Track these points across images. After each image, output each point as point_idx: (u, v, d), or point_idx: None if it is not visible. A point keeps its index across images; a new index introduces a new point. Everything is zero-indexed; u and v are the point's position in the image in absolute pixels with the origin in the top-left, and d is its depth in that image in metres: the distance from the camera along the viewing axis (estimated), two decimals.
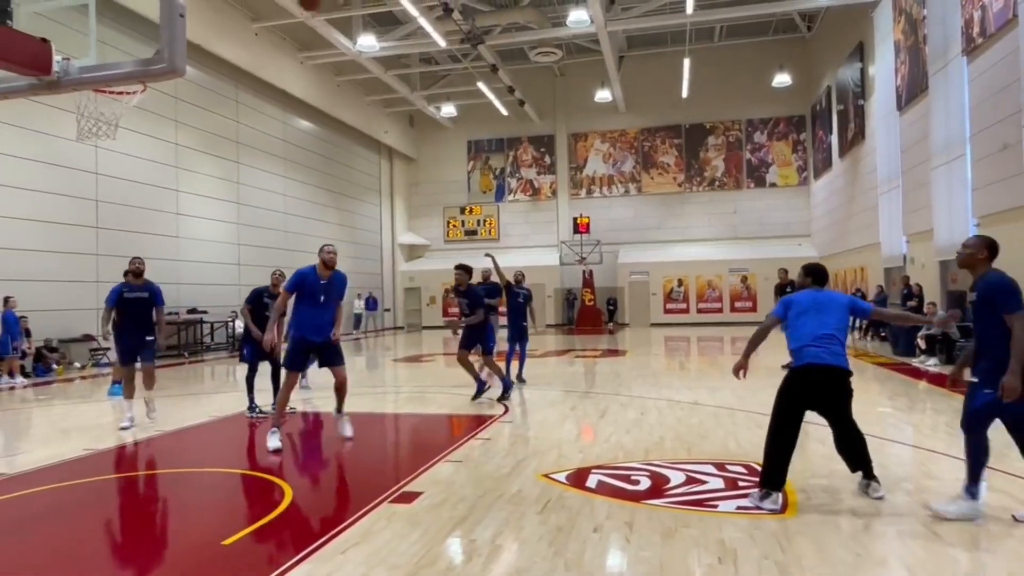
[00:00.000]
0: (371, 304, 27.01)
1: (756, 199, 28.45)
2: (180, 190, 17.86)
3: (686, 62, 24.12)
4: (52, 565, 3.64)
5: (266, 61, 20.02)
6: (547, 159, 30.57)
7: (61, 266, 14.37)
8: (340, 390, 6.48)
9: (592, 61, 26.51)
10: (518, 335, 9.99)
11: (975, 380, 3.97)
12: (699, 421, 7.10)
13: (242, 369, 8.54)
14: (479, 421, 7.35)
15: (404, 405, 9.16)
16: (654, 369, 12.57)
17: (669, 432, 6.57)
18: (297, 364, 6.47)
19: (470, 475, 5.15)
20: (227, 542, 3.84)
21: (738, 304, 27.13)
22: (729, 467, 5.19)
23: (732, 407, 7.91)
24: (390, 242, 30.63)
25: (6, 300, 12.15)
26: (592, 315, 27.47)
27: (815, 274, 4.79)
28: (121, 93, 5.07)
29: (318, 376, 12.55)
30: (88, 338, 14.87)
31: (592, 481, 4.90)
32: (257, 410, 8.04)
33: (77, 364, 14.35)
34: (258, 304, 8.18)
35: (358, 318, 26.09)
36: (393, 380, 12.19)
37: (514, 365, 10.06)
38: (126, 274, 7.99)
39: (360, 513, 4.24)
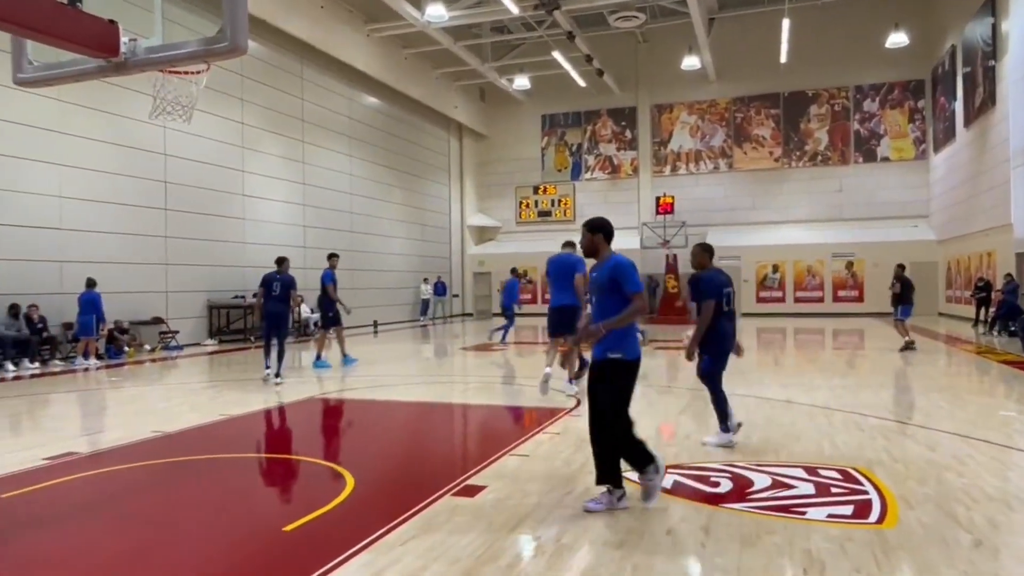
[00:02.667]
0: (439, 289, 27.51)
1: (865, 175, 27.16)
2: (246, 171, 18.65)
3: (785, 22, 23.19)
4: (120, 543, 3.94)
5: (332, 35, 20.57)
6: (628, 134, 30.15)
7: (131, 248, 15.31)
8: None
9: (679, 25, 25.86)
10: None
11: None
12: (791, 421, 6.93)
13: (309, 355, 8.90)
14: (549, 414, 7.41)
15: (471, 396, 9.32)
16: (742, 364, 12.27)
17: (756, 432, 6.44)
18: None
19: (537, 470, 5.22)
20: (288, 528, 4.06)
21: (842, 293, 26.04)
22: (822, 471, 5.06)
23: (829, 406, 7.67)
24: (459, 224, 31.02)
25: (89, 282, 13.07)
26: (676, 303, 27.01)
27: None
28: (187, 72, 5.35)
29: (380, 363, 12.93)
30: (158, 320, 15.82)
31: (667, 481, 4.87)
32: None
33: (147, 347, 15.30)
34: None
35: (425, 304, 26.63)
36: (461, 369, 12.40)
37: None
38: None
39: (422, 505, 4.38)
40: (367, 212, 23.95)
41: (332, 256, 12.68)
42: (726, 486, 4.76)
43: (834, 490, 4.64)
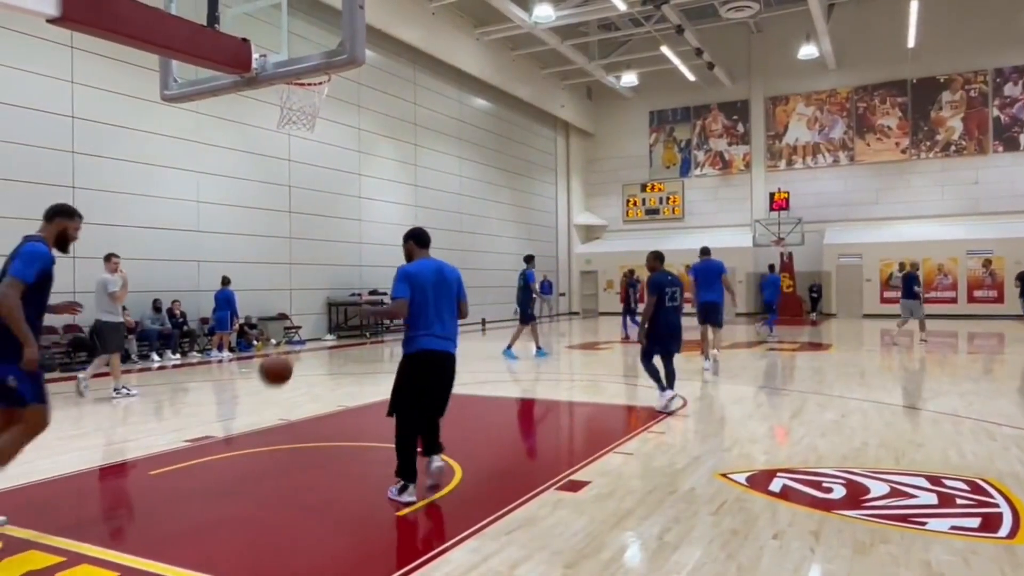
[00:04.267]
0: (546, 288, 27.63)
1: (1006, 165, 24.99)
2: (362, 174, 19.53)
3: (914, 3, 21.74)
4: (249, 521, 4.29)
5: (443, 40, 21.16)
6: (740, 128, 29.21)
7: (259, 248, 16.40)
8: None
9: (795, 12, 24.79)
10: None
11: None
12: (913, 427, 6.55)
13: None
14: (654, 414, 7.36)
15: (577, 393, 9.39)
16: (863, 367, 11.68)
17: (874, 438, 6.14)
18: None
19: (640, 468, 5.23)
20: (401, 513, 4.28)
21: (978, 293, 24.13)
22: (947, 482, 4.78)
23: (958, 413, 7.19)
24: (566, 223, 31.09)
25: (224, 280, 14.14)
26: (791, 303, 25.87)
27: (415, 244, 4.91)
28: (310, 84, 5.70)
29: (487, 360, 13.21)
30: (283, 316, 16.85)
31: (776, 485, 4.77)
32: None
33: (273, 341, 16.34)
34: None
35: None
36: (568, 367, 12.48)
37: None
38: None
39: (527, 497, 4.50)
40: (476, 212, 24.47)
41: (530, 258, 14.49)
42: (839, 492, 4.60)
43: (959, 501, 4.38)
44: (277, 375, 4.77)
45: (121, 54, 12.55)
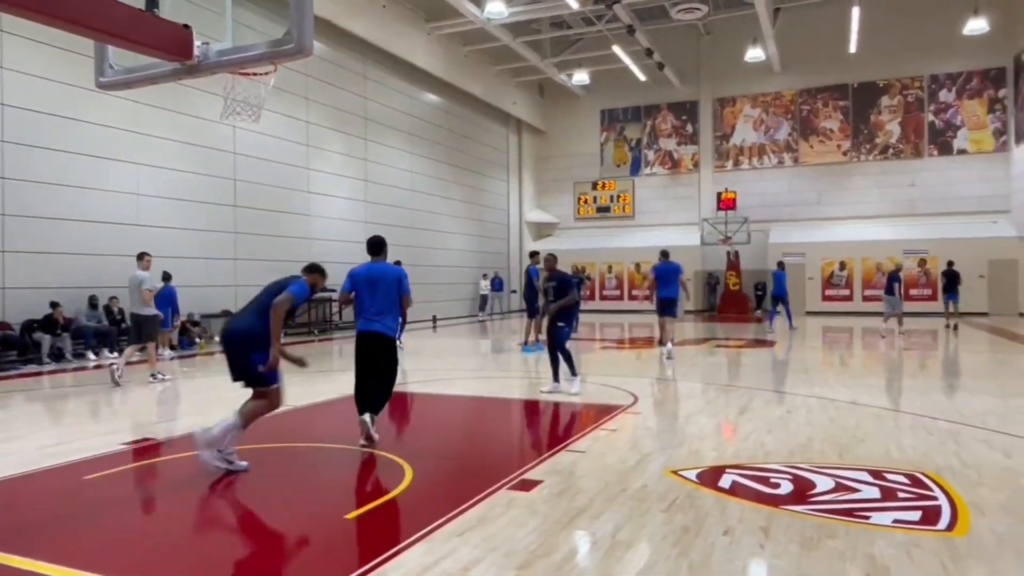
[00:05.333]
0: (496, 285, 27.64)
1: (940, 169, 26.03)
2: (311, 168, 19.14)
3: (855, 10, 22.42)
4: (191, 525, 4.13)
5: (394, 34, 20.89)
6: (689, 128, 29.69)
7: (202, 243, 15.91)
8: None
9: (743, 16, 25.26)
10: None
11: None
12: (856, 423, 6.73)
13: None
14: (605, 411, 7.40)
15: (528, 391, 9.38)
16: (807, 363, 11.99)
17: (819, 433, 6.29)
18: None
19: (592, 467, 5.23)
20: (350, 516, 4.18)
21: (914, 292, 25.02)
22: (888, 476, 4.91)
23: (898, 408, 7.42)
24: (517, 220, 31.11)
25: (165, 276, 13.66)
26: (737, 301, 26.48)
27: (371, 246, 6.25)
28: (255, 74, 5.53)
29: (438, 357, 13.10)
30: (227, 314, 16.39)
31: (726, 481, 4.83)
32: None
33: (217, 338, 15.88)
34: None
35: (484, 299, 26.79)
36: (519, 365, 12.47)
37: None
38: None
39: (478, 497, 4.44)
40: (427, 208, 24.25)
41: (534, 253, 14.88)
42: (786, 488, 4.68)
43: (901, 495, 4.50)
44: None
45: (55, 39, 12.01)
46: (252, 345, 5.16)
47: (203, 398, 8.60)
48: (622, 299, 29.14)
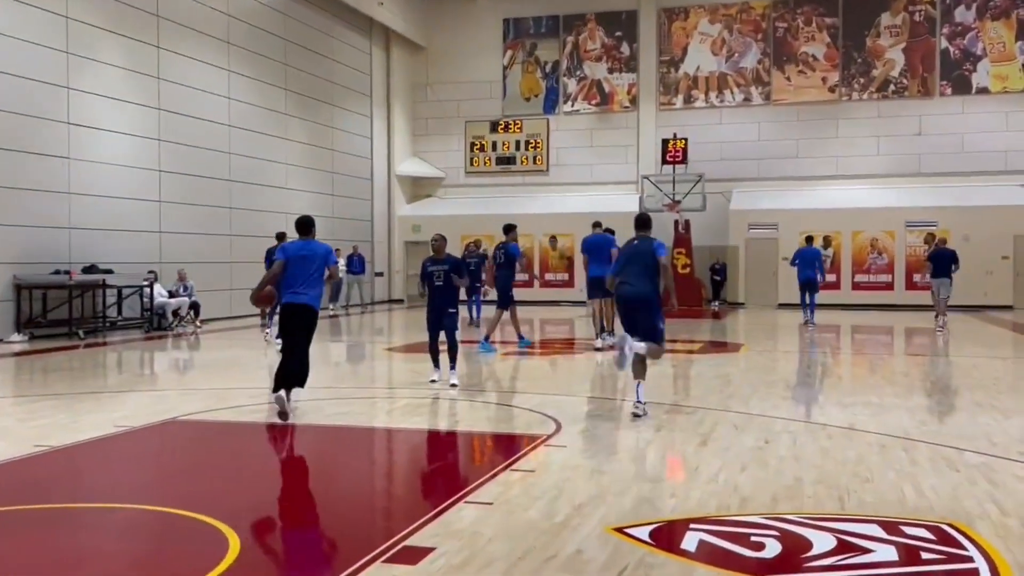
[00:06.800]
0: (356, 265, 27.09)
1: (955, 112, 27.60)
2: (72, 87, 18.07)
3: None
4: None
5: None
6: (624, 49, 30.21)
7: None
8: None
9: None
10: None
11: None
12: (857, 455, 6.97)
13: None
14: (518, 444, 7.35)
15: (405, 417, 9.24)
16: (784, 374, 12.41)
17: (809, 471, 6.45)
18: None
19: (504, 525, 5.16)
20: None
21: (918, 278, 26.51)
22: (906, 529, 5.07)
23: (909, 436, 7.75)
24: (385, 173, 30.80)
25: None
26: (688, 288, 27.01)
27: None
28: None
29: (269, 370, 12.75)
30: None
31: (690, 541, 4.84)
32: None
33: None
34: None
35: (337, 287, 26.26)
36: (387, 379, 12.30)
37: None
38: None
39: None
40: (253, 153, 23.54)
41: (511, 227, 15.59)
42: (773, 548, 4.74)
43: (925, 555, 4.64)
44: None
45: None
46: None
47: None
48: (530, 285, 29.36)
